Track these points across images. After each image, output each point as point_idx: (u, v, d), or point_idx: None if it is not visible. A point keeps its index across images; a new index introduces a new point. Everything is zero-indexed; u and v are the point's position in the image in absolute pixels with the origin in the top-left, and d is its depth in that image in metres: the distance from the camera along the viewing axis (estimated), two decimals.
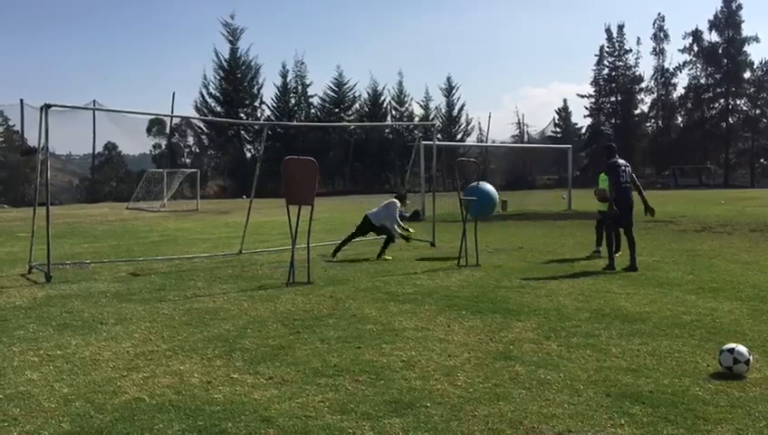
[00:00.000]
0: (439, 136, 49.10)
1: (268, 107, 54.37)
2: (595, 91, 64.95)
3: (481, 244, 11.23)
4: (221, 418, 4.10)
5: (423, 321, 6.71)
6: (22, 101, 35.86)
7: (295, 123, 51.46)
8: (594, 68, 65.03)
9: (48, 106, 10.17)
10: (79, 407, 4.31)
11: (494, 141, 59.31)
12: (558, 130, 67.45)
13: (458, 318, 6.80)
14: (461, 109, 61.40)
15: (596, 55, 64.78)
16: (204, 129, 52.09)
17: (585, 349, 5.59)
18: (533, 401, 4.35)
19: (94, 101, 35.34)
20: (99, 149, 43.73)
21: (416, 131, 45.39)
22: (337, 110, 55.88)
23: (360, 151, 52.10)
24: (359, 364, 5.20)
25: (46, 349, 5.76)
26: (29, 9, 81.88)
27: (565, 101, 70.20)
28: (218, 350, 5.68)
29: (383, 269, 10.28)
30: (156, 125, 48.36)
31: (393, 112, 58.27)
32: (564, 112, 69.08)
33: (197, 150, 52.80)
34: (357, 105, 57.37)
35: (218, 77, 52.40)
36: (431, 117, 57.30)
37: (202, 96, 52.16)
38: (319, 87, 73.55)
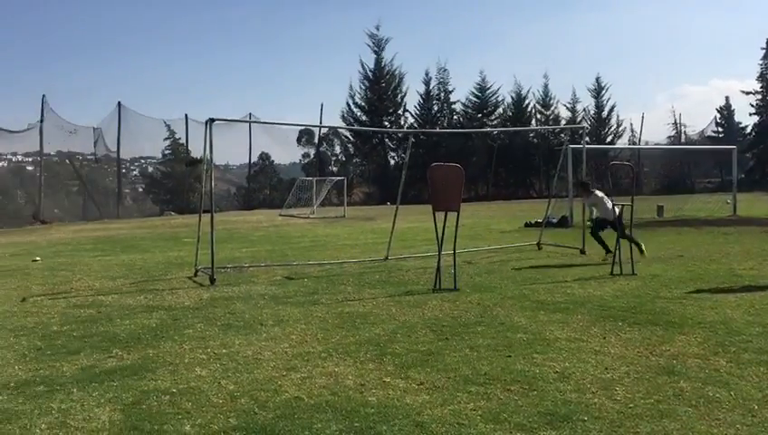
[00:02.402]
0: (587, 139, 47.35)
1: (411, 114, 55.07)
2: (762, 87, 59.64)
3: (636, 251, 10.67)
4: (376, 420, 4.19)
5: (576, 331, 6.48)
6: (186, 115, 38.87)
7: (438, 130, 51.73)
8: (761, 62, 59.65)
9: (212, 120, 10.91)
10: (244, 404, 4.58)
11: (647, 143, 56.26)
12: (719, 129, 62.65)
13: (614, 329, 6.50)
14: (611, 110, 58.67)
15: (762, 48, 59.53)
16: (350, 137, 53.69)
17: (758, 366, 5.14)
18: (701, 420, 4.06)
19: (250, 114, 37.54)
20: (254, 158, 46.29)
21: (562, 135, 44.07)
22: (480, 115, 55.43)
23: (503, 156, 51.38)
24: (510, 373, 5.12)
25: (213, 347, 6.17)
26: (193, 26, 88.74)
27: (727, 98, 64.88)
28: (370, 353, 5.82)
29: (531, 277, 10.06)
30: (305, 135, 50.44)
31: (538, 116, 56.91)
32: (726, 111, 64.02)
33: (344, 159, 54.46)
34: (500, 110, 56.64)
35: (364, 87, 53.80)
36: (578, 119, 55.33)
37: (348, 106, 53.78)
38: (461, 93, 73.36)
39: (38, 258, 13.92)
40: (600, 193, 12.32)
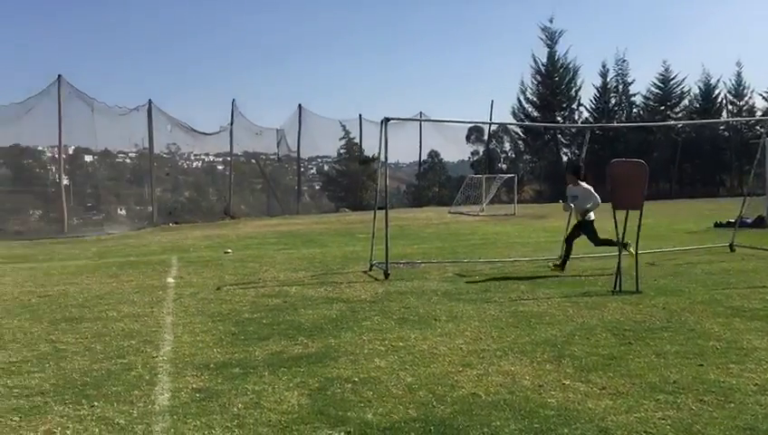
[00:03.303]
0: None
1: (586, 109, 52.98)
2: None
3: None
4: (556, 423, 4.08)
5: None
6: (360, 115, 40.47)
7: (616, 124, 49.29)
8: None
9: (387, 119, 11.23)
10: (422, 396, 4.67)
11: None
12: None
13: None
14: None
15: None
16: (520, 134, 52.75)
17: None
18: None
19: (420, 112, 38.00)
20: (423, 156, 46.92)
21: (758, 127, 40.20)
22: (662, 108, 52.04)
23: (688, 151, 47.86)
24: (702, 383, 4.76)
25: (390, 340, 6.35)
26: (367, 28, 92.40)
27: None
28: (547, 354, 5.68)
29: (723, 281, 9.29)
30: (474, 132, 50.28)
31: (729, 107, 52.35)
32: None
33: (513, 156, 53.63)
34: (686, 101, 52.76)
35: (535, 82, 52.61)
36: None
37: (519, 102, 52.83)
38: (642, 84, 68.96)
39: (229, 250, 15.14)
40: (586, 186, 10.79)
